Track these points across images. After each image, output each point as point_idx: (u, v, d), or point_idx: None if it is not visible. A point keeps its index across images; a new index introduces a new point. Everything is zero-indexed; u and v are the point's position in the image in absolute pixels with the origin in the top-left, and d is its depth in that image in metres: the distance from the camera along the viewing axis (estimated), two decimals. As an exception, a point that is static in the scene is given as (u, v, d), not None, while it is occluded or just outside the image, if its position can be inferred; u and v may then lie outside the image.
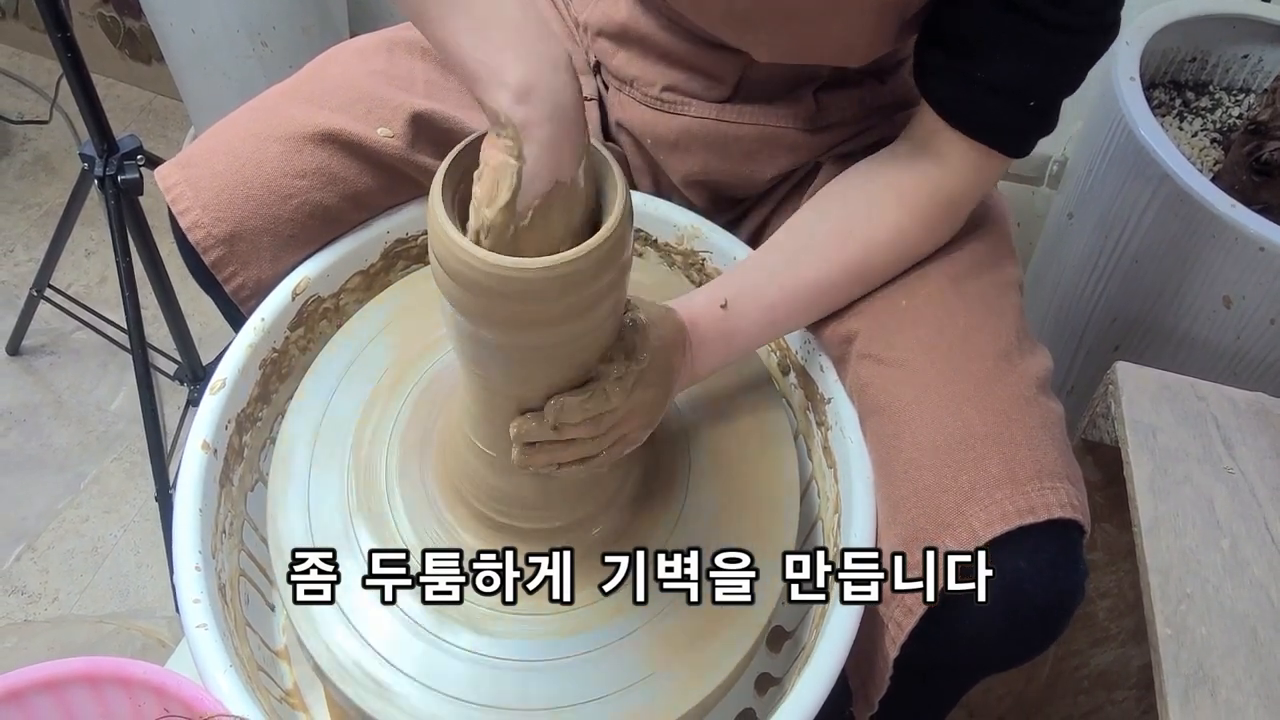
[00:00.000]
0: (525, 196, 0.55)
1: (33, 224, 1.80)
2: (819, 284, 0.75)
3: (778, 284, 0.75)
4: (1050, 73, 0.70)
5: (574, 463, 0.64)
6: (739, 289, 0.74)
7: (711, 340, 0.72)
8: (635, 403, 0.64)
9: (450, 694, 0.65)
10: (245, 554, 0.76)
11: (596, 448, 0.64)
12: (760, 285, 0.75)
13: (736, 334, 0.74)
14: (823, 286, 0.75)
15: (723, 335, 0.73)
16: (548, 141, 0.54)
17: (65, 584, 1.35)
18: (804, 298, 0.75)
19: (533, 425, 0.62)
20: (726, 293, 0.74)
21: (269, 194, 0.79)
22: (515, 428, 0.61)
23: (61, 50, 1.08)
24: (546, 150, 0.54)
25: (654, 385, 0.65)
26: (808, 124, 0.83)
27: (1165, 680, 0.68)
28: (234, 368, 0.77)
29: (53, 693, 0.61)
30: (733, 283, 0.75)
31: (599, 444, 0.64)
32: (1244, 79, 1.29)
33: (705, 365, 0.73)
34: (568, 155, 0.55)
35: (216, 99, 1.57)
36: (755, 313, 0.74)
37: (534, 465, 0.63)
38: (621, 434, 0.65)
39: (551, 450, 0.62)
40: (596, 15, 0.86)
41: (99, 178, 1.19)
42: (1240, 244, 0.98)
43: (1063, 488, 0.65)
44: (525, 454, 0.62)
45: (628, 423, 0.65)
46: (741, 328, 0.74)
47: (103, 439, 1.51)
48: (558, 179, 0.55)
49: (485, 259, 0.54)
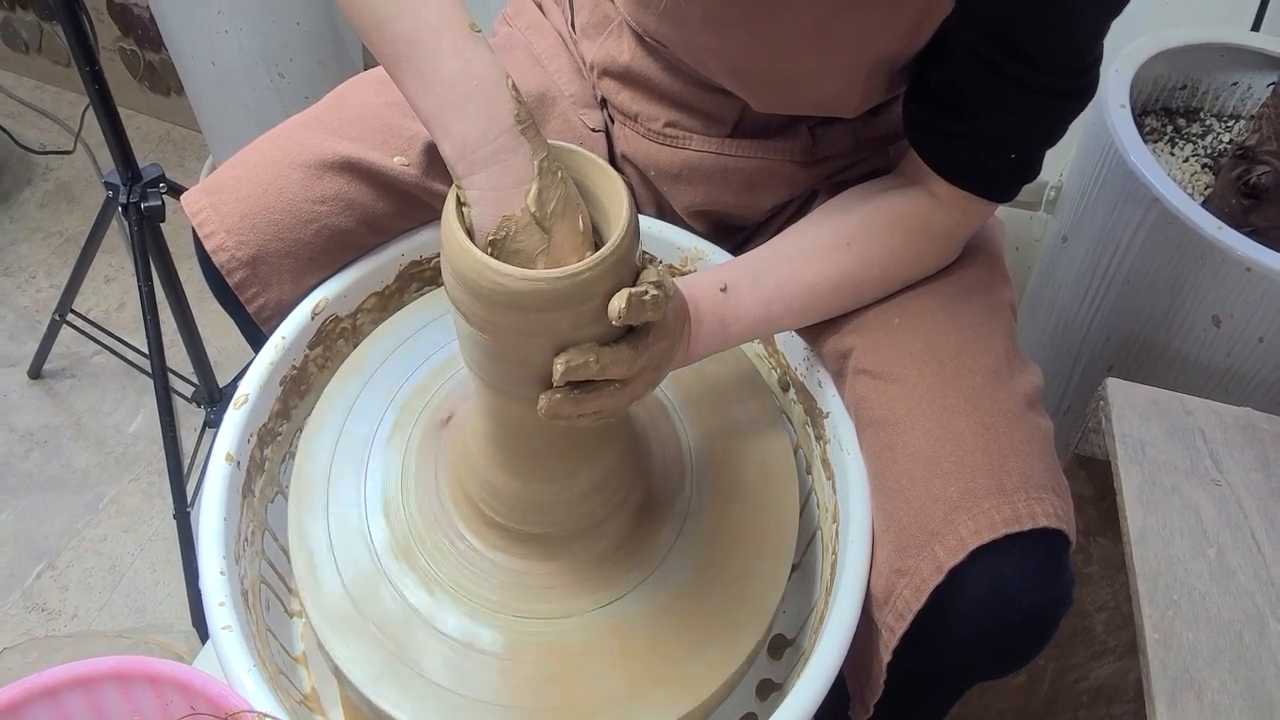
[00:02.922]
0: (479, 234, 0.62)
1: (54, 251, 1.85)
2: (813, 287, 0.78)
3: (775, 280, 0.77)
4: (1031, 128, 0.74)
5: (593, 414, 0.64)
6: (739, 277, 0.77)
7: (709, 320, 0.75)
8: (651, 355, 0.65)
9: (469, 695, 0.68)
10: (266, 562, 0.79)
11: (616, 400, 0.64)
12: (759, 277, 0.77)
13: (732, 320, 0.76)
14: (816, 290, 0.78)
15: (720, 318, 0.75)
16: (488, 186, 0.61)
17: (84, 601, 1.39)
18: (799, 298, 0.78)
19: (579, 361, 0.61)
20: (727, 278, 0.77)
21: (290, 218, 0.83)
22: (562, 363, 0.61)
23: (89, 82, 1.12)
24: (487, 194, 0.61)
25: (666, 337, 0.67)
26: (804, 157, 0.87)
27: (1153, 683, 0.70)
28: (256, 384, 0.80)
29: (84, 690, 0.63)
30: (732, 271, 0.78)
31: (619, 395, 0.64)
32: (1234, 106, 1.32)
33: (700, 344, 0.75)
34: (510, 194, 0.61)
35: (234, 129, 1.62)
36: (752, 303, 0.77)
37: (559, 415, 0.63)
38: (633, 391, 0.65)
39: (577, 400, 0.62)
40: (602, 56, 0.90)
41: (123, 204, 1.23)
42: (1228, 264, 1.01)
43: (1049, 499, 0.68)
44: (552, 405, 0.62)
45: (642, 378, 0.66)
46: (738, 314, 0.76)
47: (121, 460, 1.55)
48: (503, 214, 0.61)
49: (496, 269, 0.58)
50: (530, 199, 0.61)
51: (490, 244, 0.61)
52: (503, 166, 0.61)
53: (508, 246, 0.61)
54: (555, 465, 0.71)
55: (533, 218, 0.61)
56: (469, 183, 0.61)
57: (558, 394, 0.62)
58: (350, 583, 0.73)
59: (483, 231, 0.61)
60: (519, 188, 0.61)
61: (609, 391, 0.63)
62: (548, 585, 0.73)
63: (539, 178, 0.61)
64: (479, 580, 0.73)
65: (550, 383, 0.62)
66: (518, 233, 0.61)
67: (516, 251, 0.61)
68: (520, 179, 0.61)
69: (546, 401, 0.62)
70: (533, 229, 0.61)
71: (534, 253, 0.61)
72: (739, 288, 0.76)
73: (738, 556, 0.76)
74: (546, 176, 0.61)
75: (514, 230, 0.61)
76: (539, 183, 0.61)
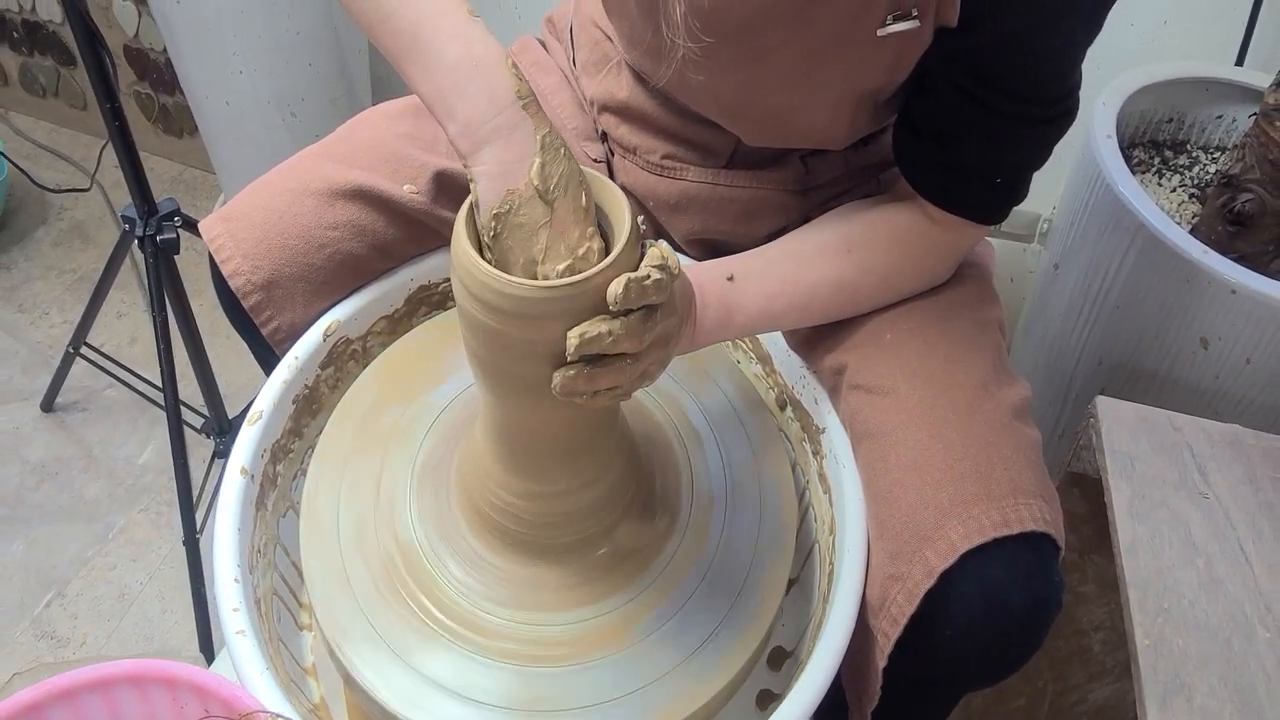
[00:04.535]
0: (484, 209, 0.64)
1: (67, 288, 1.89)
2: (814, 288, 0.80)
3: (778, 277, 0.80)
4: (1016, 155, 0.77)
5: (606, 391, 0.66)
6: (745, 269, 0.80)
7: (714, 306, 0.77)
8: (660, 331, 0.66)
9: (476, 699, 0.70)
10: (277, 575, 0.81)
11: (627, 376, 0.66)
12: (764, 271, 0.80)
13: (736, 309, 0.78)
14: (816, 291, 0.80)
15: (725, 305, 0.77)
16: (492, 161, 0.64)
17: (93, 629, 1.40)
18: (800, 296, 0.80)
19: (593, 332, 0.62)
20: (733, 268, 0.79)
21: (304, 244, 0.86)
22: (577, 335, 0.62)
23: (110, 118, 1.16)
24: (492, 168, 0.64)
25: (674, 314, 0.68)
26: (797, 186, 0.90)
27: (1144, 687, 0.72)
28: (270, 401, 0.83)
29: (101, 692, 0.65)
30: (739, 263, 0.80)
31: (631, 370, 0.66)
32: (1219, 138, 1.36)
33: (704, 329, 0.76)
34: (514, 168, 0.64)
35: (247, 166, 1.66)
36: (756, 295, 0.79)
37: (573, 392, 0.64)
38: (643, 367, 0.67)
39: (591, 376, 0.64)
40: (602, 92, 0.94)
41: (139, 237, 1.27)
42: (1213, 287, 1.03)
43: (1036, 504, 0.70)
44: (566, 381, 0.63)
45: (651, 354, 0.67)
46: (742, 304, 0.78)
47: (131, 491, 1.57)
48: (508, 188, 0.63)
49: (502, 279, 0.61)
50: (534, 172, 0.63)
51: (495, 218, 0.64)
52: (506, 141, 0.63)
53: (512, 220, 0.64)
54: (561, 471, 0.73)
55: (536, 191, 0.63)
56: (474, 159, 0.64)
57: (571, 370, 0.63)
58: (361, 595, 0.75)
59: (488, 206, 0.64)
60: (522, 161, 0.63)
61: (620, 366, 0.64)
62: (553, 590, 0.75)
63: (542, 152, 0.64)
64: (486, 586, 0.75)
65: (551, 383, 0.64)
66: (521, 206, 0.63)
67: (520, 225, 0.64)
68: (524, 153, 0.63)
69: (560, 378, 0.63)
70: (536, 202, 0.63)
71: (537, 225, 0.64)
72: (745, 279, 0.79)
73: (737, 566, 0.78)
74: (549, 151, 0.64)
75: (518, 204, 0.63)
76: (542, 157, 0.64)
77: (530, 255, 0.64)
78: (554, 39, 1.02)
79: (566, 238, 0.63)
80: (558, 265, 0.64)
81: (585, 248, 0.64)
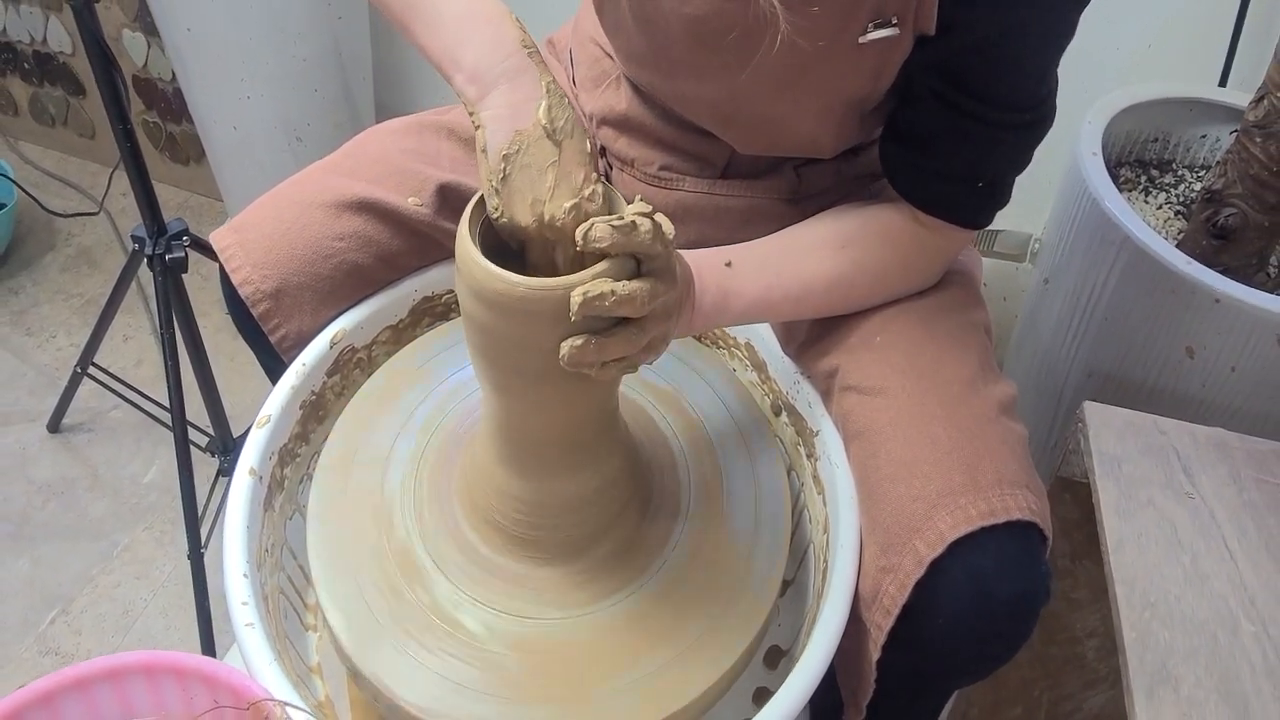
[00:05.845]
0: (493, 153, 0.67)
1: (74, 312, 1.91)
2: (810, 280, 0.82)
3: (775, 268, 0.82)
4: (996, 160, 0.80)
5: (614, 363, 0.67)
6: (743, 258, 0.82)
7: (712, 290, 0.79)
8: (662, 302, 0.67)
9: (481, 692, 0.72)
10: (284, 575, 0.83)
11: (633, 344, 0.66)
12: (761, 262, 0.82)
13: (733, 295, 0.80)
14: (813, 284, 0.82)
15: (722, 290, 0.79)
16: (501, 104, 0.67)
17: (97, 645, 1.41)
18: (795, 288, 0.82)
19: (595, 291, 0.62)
20: (731, 256, 0.81)
21: (311, 254, 0.88)
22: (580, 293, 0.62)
23: (121, 139, 1.20)
24: (500, 111, 0.67)
25: (675, 288, 0.69)
26: (791, 195, 0.93)
27: (1132, 678, 0.74)
28: (278, 405, 0.85)
29: (113, 683, 0.67)
30: (737, 252, 0.82)
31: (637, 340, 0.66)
32: (1204, 157, 1.39)
33: (702, 314, 0.78)
34: (523, 109, 0.67)
35: (253, 189, 1.67)
36: (753, 283, 0.81)
37: (581, 362, 0.65)
38: (648, 338, 0.68)
39: (599, 345, 0.65)
40: (601, 106, 0.97)
41: (149, 256, 1.30)
42: (1197, 297, 1.06)
43: (1022, 494, 0.72)
44: (574, 351, 0.64)
45: (654, 325, 0.68)
46: (739, 290, 0.80)
47: (135, 509, 1.59)
48: (516, 129, 0.66)
49: (504, 277, 0.63)
50: (541, 113, 0.66)
51: (504, 159, 0.66)
52: (514, 84, 0.67)
53: (520, 161, 0.66)
54: (561, 471, 0.75)
55: (544, 131, 0.66)
56: (483, 105, 0.67)
57: (578, 340, 0.64)
58: (369, 595, 0.77)
59: (496, 148, 0.66)
60: (530, 103, 0.66)
61: (625, 335, 0.65)
62: (553, 587, 0.77)
63: (548, 95, 0.67)
64: (489, 584, 0.77)
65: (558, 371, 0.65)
66: (530, 146, 0.66)
67: (528, 166, 0.66)
68: (531, 95, 0.67)
69: (569, 348, 0.64)
70: (544, 142, 0.66)
71: (544, 165, 0.66)
72: (742, 267, 0.81)
73: (733, 565, 0.80)
74: (555, 95, 0.67)
75: (527, 144, 0.66)
76: (549, 99, 0.67)
77: (537, 195, 0.67)
78: (554, 59, 1.06)
79: (572, 179, 0.66)
80: (564, 203, 0.66)
81: (591, 189, 0.67)
